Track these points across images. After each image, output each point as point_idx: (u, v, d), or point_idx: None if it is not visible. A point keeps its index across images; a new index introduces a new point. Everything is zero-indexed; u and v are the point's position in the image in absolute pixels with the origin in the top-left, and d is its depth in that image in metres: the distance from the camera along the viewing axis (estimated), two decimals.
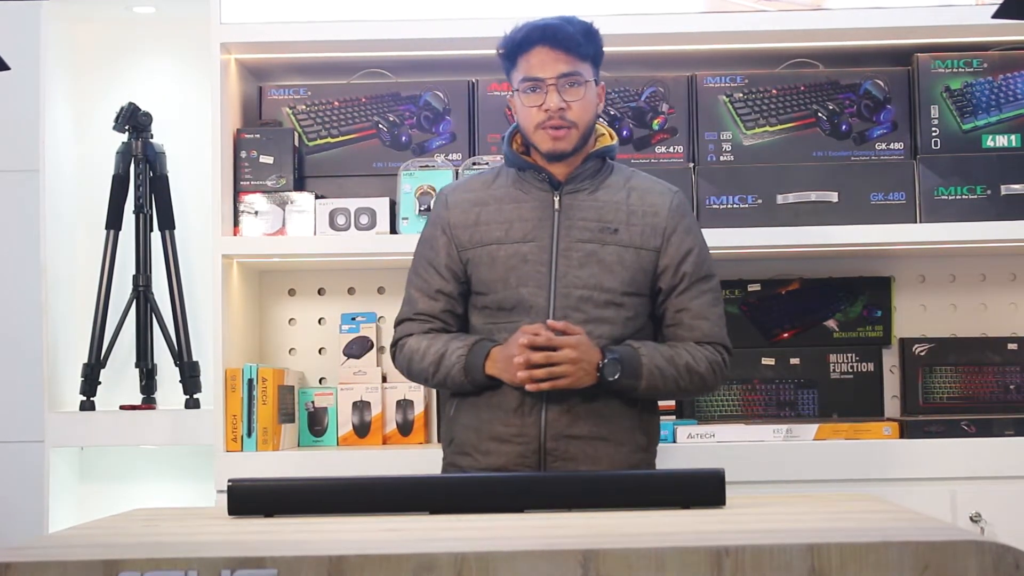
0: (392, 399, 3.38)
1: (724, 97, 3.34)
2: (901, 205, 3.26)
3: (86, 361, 3.47)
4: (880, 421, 3.20)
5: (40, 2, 3.46)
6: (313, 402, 3.38)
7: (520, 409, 2.49)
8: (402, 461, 3.16)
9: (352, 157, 3.41)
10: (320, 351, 3.58)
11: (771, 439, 3.15)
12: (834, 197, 3.27)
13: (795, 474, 3.09)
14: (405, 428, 3.38)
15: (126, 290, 3.52)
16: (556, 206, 2.54)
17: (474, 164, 3.28)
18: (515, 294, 2.51)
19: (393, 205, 3.31)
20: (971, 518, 3.04)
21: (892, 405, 3.48)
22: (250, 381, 3.19)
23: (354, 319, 3.44)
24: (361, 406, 3.37)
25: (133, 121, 3.49)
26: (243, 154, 3.33)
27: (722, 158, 3.33)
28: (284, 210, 3.29)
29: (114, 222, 3.51)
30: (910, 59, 3.35)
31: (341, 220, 3.28)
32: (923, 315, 3.52)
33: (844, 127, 3.34)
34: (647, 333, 2.58)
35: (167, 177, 3.54)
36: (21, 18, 3.52)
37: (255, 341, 3.52)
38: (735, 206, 3.27)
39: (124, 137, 3.52)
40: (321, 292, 3.59)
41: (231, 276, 3.29)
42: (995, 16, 2.45)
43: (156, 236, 3.54)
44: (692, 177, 3.29)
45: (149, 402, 3.52)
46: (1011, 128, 3.32)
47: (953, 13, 3.22)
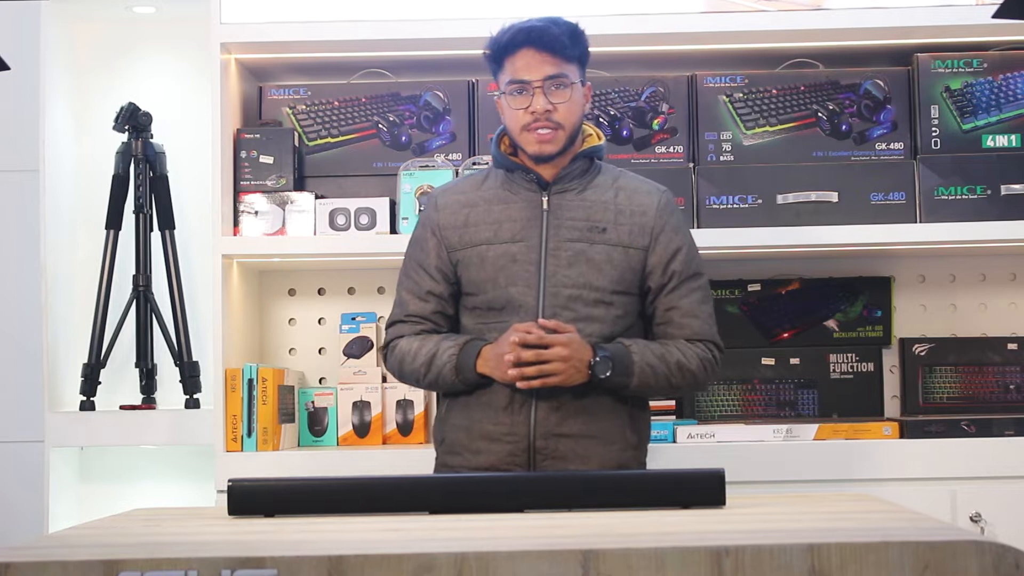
0: (392, 399, 3.38)
1: (724, 97, 3.34)
2: (901, 205, 3.26)
3: (86, 361, 3.47)
4: (880, 421, 3.20)
5: (40, 2, 3.46)
6: (313, 402, 3.38)
7: (510, 408, 2.49)
8: (402, 461, 3.16)
9: (352, 157, 3.41)
10: (320, 351, 3.58)
11: (771, 439, 3.15)
12: (834, 197, 3.27)
13: (795, 474, 3.09)
14: (405, 428, 3.38)
15: (126, 290, 3.52)
16: (545, 206, 2.54)
17: (474, 164, 3.28)
18: (504, 293, 2.51)
19: (393, 205, 3.31)
20: (971, 518, 3.04)
21: (892, 405, 3.48)
22: (250, 381, 3.19)
23: (354, 319, 3.44)
24: (361, 406, 3.37)
25: (133, 121, 3.49)
26: (243, 154, 3.33)
27: (722, 158, 3.33)
28: (284, 210, 3.29)
29: (114, 222, 3.51)
30: (910, 59, 3.35)
31: (341, 220, 3.28)
32: (923, 315, 3.52)
33: (844, 127, 3.34)
34: (637, 332, 2.58)
35: (167, 177, 3.54)
36: (21, 18, 3.53)
37: (255, 341, 3.52)
38: (735, 206, 3.27)
39: (124, 137, 3.52)
40: (321, 292, 3.59)
41: (231, 276, 3.29)
42: (995, 16, 2.45)
43: (156, 236, 3.54)
44: (692, 177, 3.29)
45: (149, 402, 3.52)
46: (1011, 128, 3.32)
47: (953, 13, 3.22)
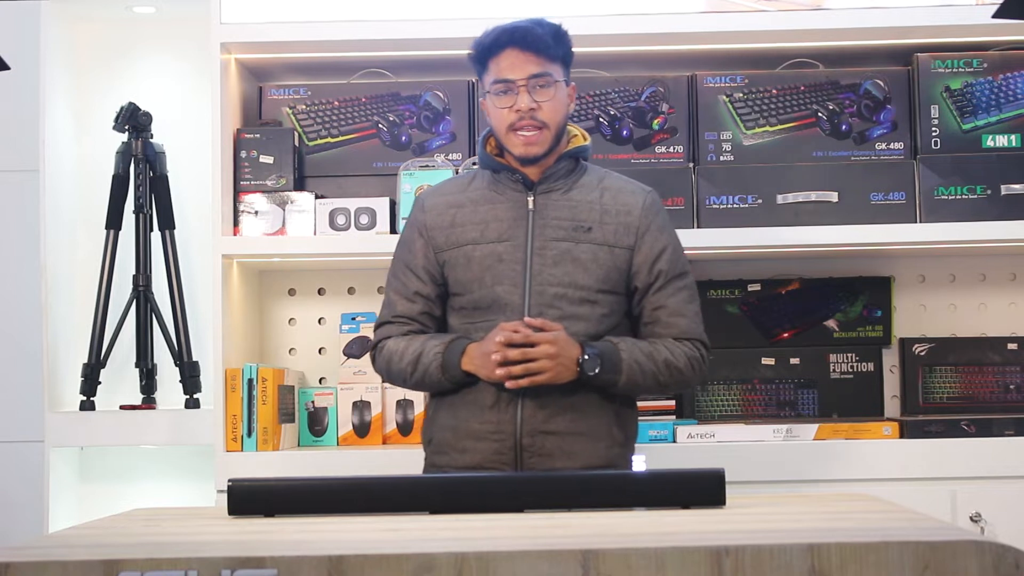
0: (392, 399, 3.38)
1: (724, 97, 3.34)
2: (901, 205, 3.26)
3: (86, 361, 3.47)
4: (880, 421, 3.20)
5: (40, 2, 3.46)
6: (313, 402, 3.38)
7: (496, 406, 2.50)
8: (402, 461, 3.16)
9: (352, 157, 3.41)
10: (320, 351, 3.58)
11: (771, 439, 3.15)
12: (834, 197, 3.27)
13: (795, 474, 3.09)
14: (405, 428, 3.37)
15: (126, 290, 3.52)
16: (530, 206, 2.55)
17: (474, 164, 3.27)
18: (491, 293, 2.52)
19: (393, 205, 3.31)
20: (971, 518, 3.04)
21: (892, 405, 3.48)
22: (250, 381, 3.19)
23: (354, 319, 3.44)
24: (361, 406, 3.37)
25: (133, 121, 3.49)
26: (243, 154, 3.33)
27: (722, 158, 3.33)
28: (284, 210, 3.29)
29: (114, 222, 3.51)
30: (910, 59, 3.35)
31: (341, 220, 3.28)
32: (923, 315, 3.52)
33: (844, 127, 3.34)
34: (623, 331, 2.59)
35: (167, 177, 3.54)
36: (21, 18, 3.52)
37: (255, 341, 3.52)
38: (735, 206, 3.27)
39: (124, 137, 3.52)
40: (321, 292, 3.59)
41: (231, 276, 3.29)
42: (995, 16, 2.45)
43: (156, 236, 3.54)
44: (692, 177, 3.29)
45: (149, 402, 3.52)
46: (1011, 128, 3.32)
47: (953, 13, 3.22)
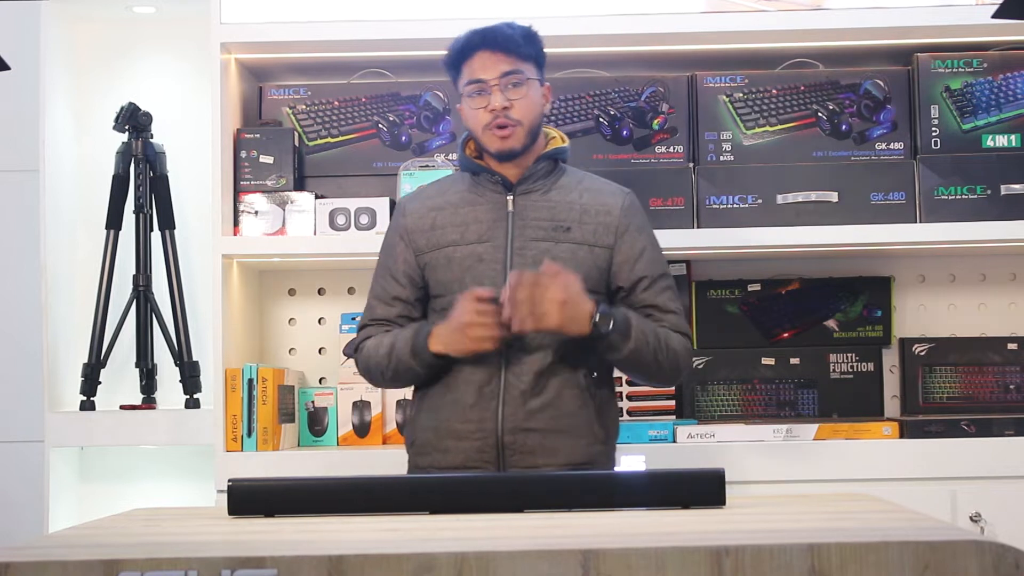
0: (392, 399, 3.38)
1: (724, 97, 3.34)
2: (901, 205, 3.26)
3: (86, 361, 3.47)
4: (880, 421, 3.20)
5: (40, 2, 3.46)
6: (313, 402, 3.38)
7: (477, 405, 2.51)
8: (402, 461, 3.14)
9: (352, 157, 3.41)
10: (320, 351, 3.58)
11: (771, 439, 3.15)
12: (834, 197, 3.27)
13: (795, 474, 3.09)
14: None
15: (126, 290, 3.52)
16: (510, 207, 2.57)
17: None
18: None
19: (393, 205, 3.30)
20: (971, 518, 3.04)
21: (892, 405, 3.48)
22: (250, 381, 3.19)
23: (354, 319, 3.43)
24: (361, 406, 3.37)
25: (133, 121, 3.49)
26: (243, 154, 3.33)
27: (722, 158, 3.33)
28: (284, 210, 3.29)
29: (114, 222, 3.51)
30: (910, 59, 3.35)
31: (341, 220, 3.28)
32: (923, 315, 3.52)
33: (844, 127, 3.34)
34: None
35: (167, 177, 3.54)
36: (21, 18, 3.52)
37: (255, 341, 3.52)
38: (735, 206, 3.27)
39: (124, 137, 3.52)
40: (321, 292, 3.59)
41: (231, 276, 3.29)
42: (995, 16, 2.45)
43: (156, 236, 3.54)
44: (692, 177, 3.29)
45: (149, 402, 3.52)
46: (1011, 128, 3.32)
47: (953, 13, 3.22)
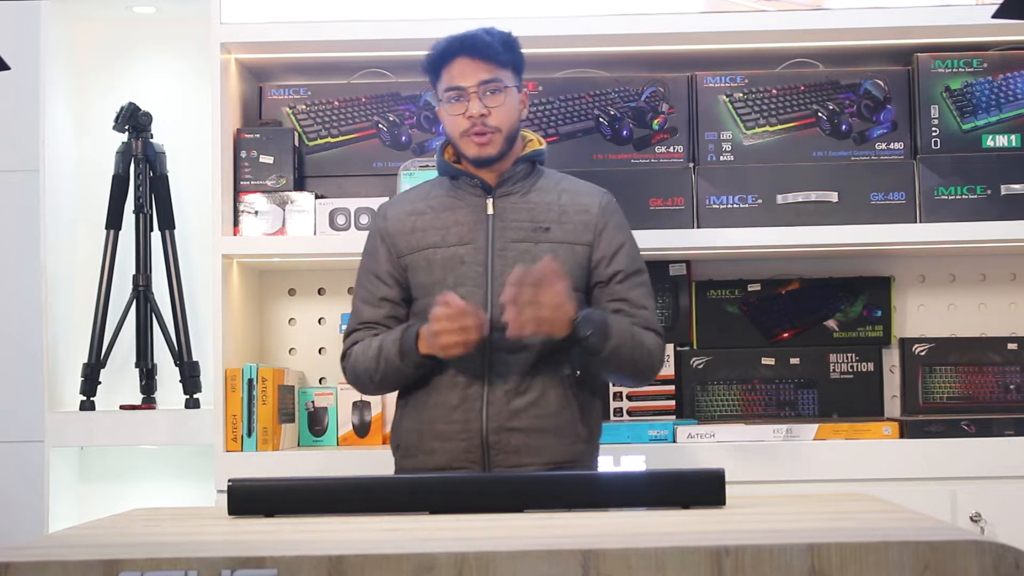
0: (392, 399, 3.37)
1: (724, 97, 3.34)
2: (901, 205, 3.26)
3: (86, 361, 3.47)
4: (880, 421, 3.20)
5: (40, 2, 3.46)
6: (313, 402, 3.38)
7: (461, 406, 2.54)
8: None
9: (352, 157, 3.41)
10: (320, 351, 3.58)
11: (771, 439, 3.15)
12: (834, 197, 3.26)
13: (795, 474, 3.09)
14: None
15: (126, 290, 3.52)
16: (490, 210, 2.59)
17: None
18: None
19: None
20: (971, 518, 3.04)
21: (892, 405, 3.48)
22: (250, 381, 3.19)
23: None
24: (361, 406, 3.37)
25: (133, 121, 3.49)
26: (243, 154, 3.33)
27: (722, 158, 3.33)
28: (284, 210, 3.29)
29: (114, 222, 3.51)
30: (910, 59, 3.35)
31: (341, 220, 3.28)
32: (923, 315, 3.52)
33: (844, 127, 3.34)
34: None
35: (167, 177, 3.54)
36: (21, 18, 3.52)
37: (255, 341, 3.52)
38: (735, 206, 3.27)
39: (124, 137, 3.52)
40: (321, 292, 3.59)
41: (231, 276, 3.29)
42: (995, 16, 2.45)
43: (156, 236, 3.54)
44: (692, 177, 3.29)
45: (149, 402, 3.52)
46: (1011, 128, 3.32)
47: (953, 13, 3.22)
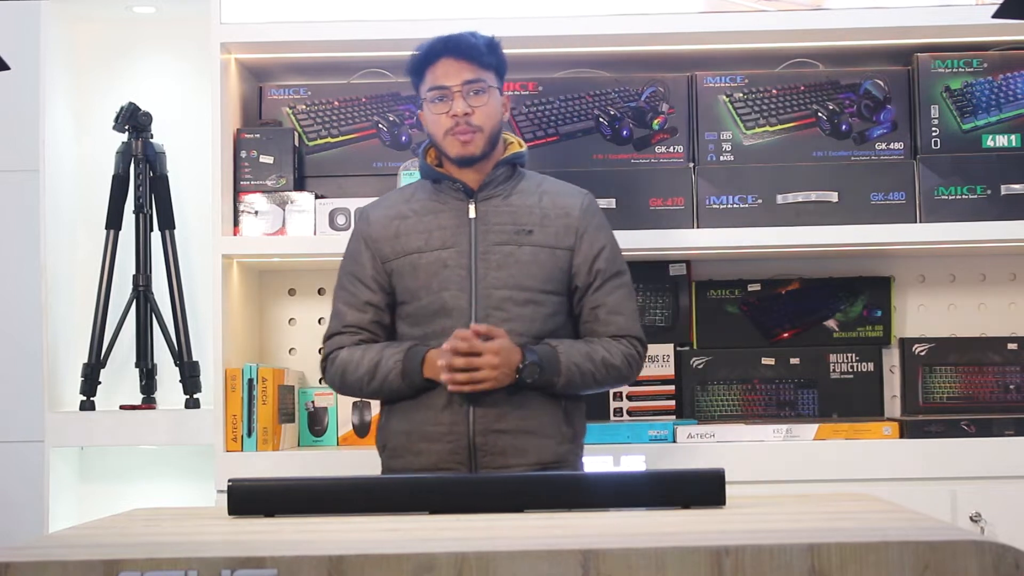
0: None
1: (724, 97, 3.34)
2: (901, 205, 3.26)
3: (86, 361, 3.47)
4: (880, 421, 3.20)
5: (40, 2, 3.46)
6: (313, 402, 3.38)
7: (449, 408, 2.55)
8: None
9: (352, 157, 3.41)
10: (320, 351, 3.57)
11: (771, 439, 3.15)
12: (834, 197, 3.26)
13: (795, 474, 3.09)
14: None
15: (126, 290, 3.52)
16: (472, 214, 2.61)
17: None
18: (438, 298, 2.58)
19: None
20: (971, 518, 3.04)
21: (892, 405, 3.48)
22: (250, 381, 3.19)
23: None
24: (361, 406, 3.36)
25: (133, 121, 3.49)
26: (243, 154, 3.33)
27: (722, 158, 3.33)
28: (284, 210, 3.29)
29: (114, 222, 3.51)
30: (910, 59, 3.35)
31: (341, 220, 3.28)
32: (923, 315, 3.52)
33: (844, 127, 3.34)
34: (567, 330, 2.65)
35: (167, 177, 3.54)
36: (21, 18, 3.52)
37: (255, 341, 3.51)
38: (735, 206, 3.27)
39: (124, 137, 3.52)
40: (321, 292, 3.58)
41: (231, 276, 3.29)
42: (995, 16, 2.45)
43: (156, 236, 3.54)
44: (692, 177, 3.29)
45: (149, 402, 3.52)
46: (1011, 128, 3.32)
47: (953, 13, 3.22)
